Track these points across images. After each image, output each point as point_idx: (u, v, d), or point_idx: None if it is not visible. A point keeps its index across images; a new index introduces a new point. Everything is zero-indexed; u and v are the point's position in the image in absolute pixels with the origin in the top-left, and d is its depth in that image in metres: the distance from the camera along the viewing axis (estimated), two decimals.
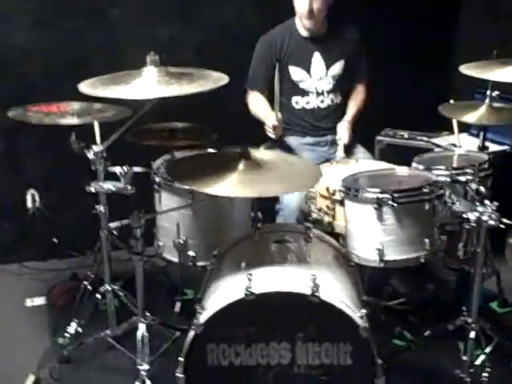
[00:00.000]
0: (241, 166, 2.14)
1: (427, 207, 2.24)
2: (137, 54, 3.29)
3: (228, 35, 3.54)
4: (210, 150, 2.61)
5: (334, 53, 3.09)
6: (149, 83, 2.07)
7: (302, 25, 3.06)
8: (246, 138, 2.96)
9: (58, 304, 3.02)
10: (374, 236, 2.26)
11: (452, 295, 2.99)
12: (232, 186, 2.06)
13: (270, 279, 2.03)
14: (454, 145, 3.26)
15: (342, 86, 3.16)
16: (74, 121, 2.48)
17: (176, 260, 2.58)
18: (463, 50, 3.91)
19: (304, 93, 3.10)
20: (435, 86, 3.92)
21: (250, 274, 2.00)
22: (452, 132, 3.50)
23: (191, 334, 1.97)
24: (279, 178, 2.14)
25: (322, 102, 3.12)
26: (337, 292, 2.04)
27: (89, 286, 2.74)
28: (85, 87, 2.06)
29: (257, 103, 3.14)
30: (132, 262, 3.13)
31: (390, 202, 2.19)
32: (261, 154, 2.29)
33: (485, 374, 2.28)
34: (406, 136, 3.62)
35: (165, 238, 2.60)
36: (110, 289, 2.58)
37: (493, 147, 3.00)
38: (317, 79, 3.09)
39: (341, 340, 1.98)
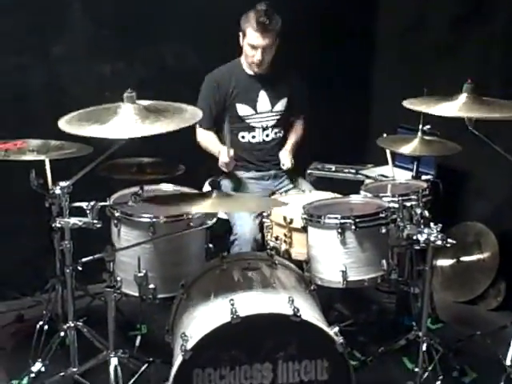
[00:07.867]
0: (214, 195, 2.27)
1: (384, 231, 2.43)
2: (80, 91, 3.37)
3: (167, 73, 3.64)
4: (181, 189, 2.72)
5: (278, 91, 3.28)
6: (128, 121, 2.12)
7: (250, 68, 3.23)
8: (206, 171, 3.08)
9: (8, 347, 2.93)
10: (337, 259, 2.42)
11: (393, 315, 3.21)
12: (210, 205, 2.20)
13: (252, 303, 2.13)
14: (383, 175, 3.55)
15: (285, 122, 3.36)
16: (37, 157, 2.48)
17: (135, 294, 2.59)
18: (379, 92, 4.27)
19: (250, 128, 3.26)
20: (357, 123, 4.23)
21: (232, 299, 2.10)
22: (376, 165, 3.81)
23: (179, 359, 2.02)
24: (251, 201, 2.28)
25: (267, 136, 3.29)
26: (311, 312, 2.18)
27: (46, 326, 2.72)
28: (64, 125, 2.08)
29: (206, 139, 3.27)
30: (84, 299, 3.15)
31: (352, 227, 2.37)
32: None
33: (438, 383, 2.49)
34: (334, 169, 3.87)
35: (123, 273, 2.61)
36: (73, 325, 2.55)
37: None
38: (262, 115, 3.27)
39: (319, 357, 2.11)
